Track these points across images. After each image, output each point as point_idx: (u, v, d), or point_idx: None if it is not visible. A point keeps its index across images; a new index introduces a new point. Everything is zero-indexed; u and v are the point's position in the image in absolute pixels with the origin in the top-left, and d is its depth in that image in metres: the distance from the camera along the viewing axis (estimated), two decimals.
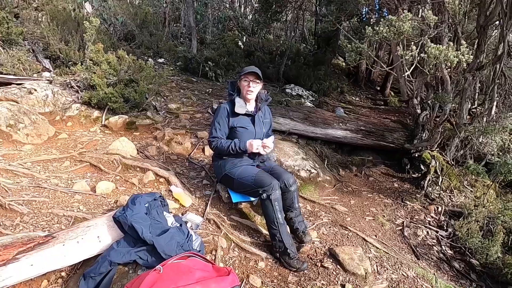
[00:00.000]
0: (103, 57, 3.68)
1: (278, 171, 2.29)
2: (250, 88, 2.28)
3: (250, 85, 2.27)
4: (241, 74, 2.28)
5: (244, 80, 2.28)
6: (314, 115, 3.80)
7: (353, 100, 7.76)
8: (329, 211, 2.88)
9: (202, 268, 1.24)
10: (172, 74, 6.05)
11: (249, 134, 2.30)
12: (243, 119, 2.31)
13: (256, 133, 2.33)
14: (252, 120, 2.34)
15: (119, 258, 1.39)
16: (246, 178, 2.17)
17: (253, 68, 2.29)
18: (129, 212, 1.51)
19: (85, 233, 1.49)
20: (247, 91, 2.29)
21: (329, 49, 8.01)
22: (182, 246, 1.49)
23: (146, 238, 1.41)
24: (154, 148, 3.13)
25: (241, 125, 2.29)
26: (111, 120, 3.44)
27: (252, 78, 2.26)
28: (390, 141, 3.93)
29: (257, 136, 2.33)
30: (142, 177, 2.55)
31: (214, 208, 2.40)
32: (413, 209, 3.13)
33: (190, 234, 1.62)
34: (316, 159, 3.52)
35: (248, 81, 2.27)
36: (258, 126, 2.35)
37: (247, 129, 2.30)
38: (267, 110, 2.52)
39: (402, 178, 3.78)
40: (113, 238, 1.55)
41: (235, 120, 2.29)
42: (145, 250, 1.43)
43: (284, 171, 2.30)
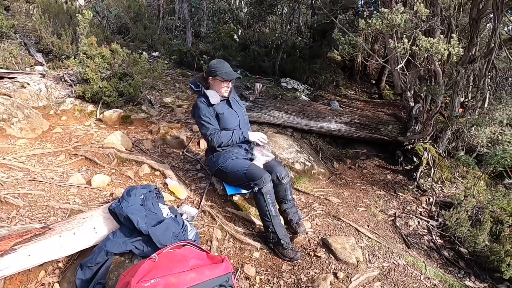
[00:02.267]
0: (96, 50, 3.66)
1: (271, 164, 2.32)
2: (227, 88, 2.38)
3: (229, 85, 2.38)
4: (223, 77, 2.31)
5: (224, 81, 2.34)
6: (308, 108, 3.83)
7: (349, 94, 7.80)
8: (323, 202, 2.93)
9: (196, 256, 1.28)
10: (167, 67, 6.03)
11: (232, 116, 2.40)
12: (221, 106, 2.38)
13: (238, 113, 2.43)
14: (228, 104, 2.43)
15: (115, 248, 1.43)
16: (238, 172, 2.21)
17: (230, 68, 2.38)
18: (125, 203, 1.54)
19: (81, 224, 1.52)
20: (226, 91, 2.38)
21: (325, 43, 8.00)
22: (177, 236, 1.53)
23: (142, 229, 1.44)
24: (149, 141, 3.14)
25: (223, 111, 2.37)
26: (105, 114, 3.44)
27: (231, 79, 2.36)
28: (383, 134, 3.98)
29: (239, 115, 2.44)
30: (137, 170, 2.57)
31: (209, 200, 2.44)
32: (405, 200, 3.20)
33: (185, 225, 1.65)
34: (310, 152, 3.57)
35: (228, 81, 2.36)
36: (236, 106, 2.47)
37: (229, 112, 2.39)
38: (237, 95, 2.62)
39: (395, 170, 3.85)
40: (109, 229, 1.58)
41: (216, 108, 2.35)
42: (140, 240, 1.46)
43: (277, 164, 2.34)
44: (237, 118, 2.41)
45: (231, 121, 2.37)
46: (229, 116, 2.38)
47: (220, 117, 2.36)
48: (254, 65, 6.99)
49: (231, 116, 2.39)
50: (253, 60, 7.10)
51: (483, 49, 3.80)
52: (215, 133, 2.28)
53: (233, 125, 2.39)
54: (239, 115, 2.45)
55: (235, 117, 2.41)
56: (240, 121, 2.44)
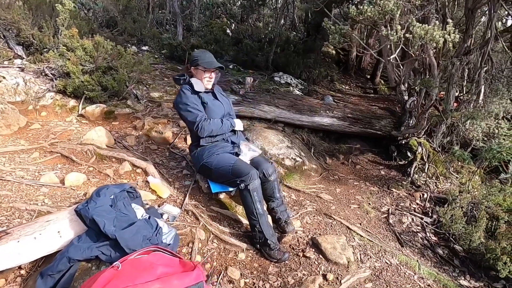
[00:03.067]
0: (78, 42, 3.47)
1: (258, 160, 2.19)
2: (212, 79, 2.26)
3: (212, 75, 2.25)
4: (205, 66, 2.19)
5: (206, 71, 2.22)
6: (300, 102, 3.70)
7: (343, 89, 7.68)
8: (314, 200, 2.81)
9: (166, 263, 1.15)
10: (157, 62, 5.84)
11: (218, 107, 2.28)
12: (206, 95, 2.27)
13: (223, 103, 2.33)
14: (213, 94, 2.31)
15: (78, 254, 1.29)
16: (224, 168, 2.07)
17: (213, 57, 2.25)
18: (92, 204, 1.40)
19: (44, 228, 1.37)
20: (208, 82, 2.26)
21: (319, 37, 7.84)
22: (149, 239, 1.39)
23: (108, 232, 1.30)
24: (133, 138, 2.99)
25: (207, 101, 2.24)
26: (87, 110, 3.27)
27: (214, 69, 2.23)
28: (377, 129, 3.86)
29: (225, 106, 2.33)
30: (117, 168, 2.42)
31: (193, 199, 2.30)
32: (398, 196, 3.09)
33: (159, 227, 1.51)
34: (302, 147, 3.44)
35: (211, 72, 2.24)
36: (221, 97, 2.36)
37: (214, 103, 2.27)
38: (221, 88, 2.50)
39: (389, 165, 3.74)
40: (75, 233, 1.44)
41: (201, 96, 2.23)
42: (108, 245, 1.32)
43: (264, 160, 2.20)
44: (222, 109, 2.29)
45: (215, 111, 2.25)
46: (213, 106, 2.26)
47: (204, 107, 2.23)
48: (247, 59, 6.83)
49: (216, 106, 2.27)
50: (246, 54, 6.93)
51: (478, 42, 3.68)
52: (205, 120, 2.14)
53: (218, 115, 2.27)
54: (225, 106, 2.33)
55: (220, 108, 2.29)
56: (226, 112, 2.32)
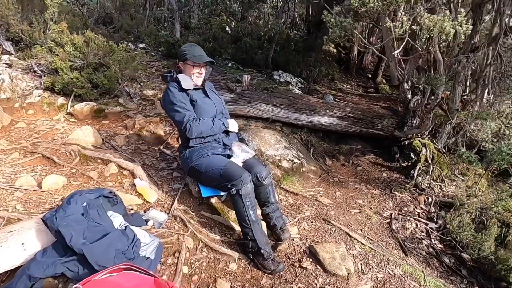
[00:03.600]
0: (67, 38, 3.31)
1: (251, 162, 2.02)
2: (202, 75, 2.09)
3: (201, 71, 2.07)
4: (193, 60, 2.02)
5: (195, 66, 2.04)
6: (299, 101, 3.52)
7: (344, 88, 7.49)
8: (313, 204, 2.64)
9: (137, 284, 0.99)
10: (154, 59, 5.69)
11: (209, 105, 2.11)
12: (196, 93, 2.09)
13: (214, 102, 2.15)
14: (204, 92, 2.14)
15: (40, 271, 1.13)
16: (214, 171, 1.90)
17: (203, 52, 2.07)
18: (61, 213, 1.24)
19: (6, 239, 1.22)
20: (198, 78, 2.08)
21: (320, 35, 7.65)
22: (124, 253, 1.23)
23: (74, 246, 1.14)
24: (123, 137, 2.83)
25: (196, 98, 2.06)
26: (76, 108, 3.11)
27: (203, 65, 2.06)
28: (379, 129, 3.69)
29: (216, 105, 2.15)
30: (103, 170, 2.26)
31: (182, 204, 2.14)
32: (402, 200, 2.92)
33: (136, 239, 1.35)
34: (300, 148, 3.27)
35: (200, 67, 2.06)
36: (212, 95, 2.19)
37: (204, 100, 2.10)
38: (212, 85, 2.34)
39: (391, 167, 3.56)
40: (42, 245, 1.28)
41: (190, 93, 2.05)
42: (75, 260, 1.16)
43: (257, 163, 2.03)
44: (213, 108, 2.12)
45: (206, 110, 2.08)
46: (203, 104, 2.08)
47: (194, 106, 2.06)
48: (246, 57, 6.65)
49: (206, 105, 2.10)
50: (245, 52, 6.75)
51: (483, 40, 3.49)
52: (193, 119, 1.98)
53: (209, 115, 2.09)
54: (216, 105, 2.15)
55: (211, 106, 2.11)
56: (217, 111, 2.15)
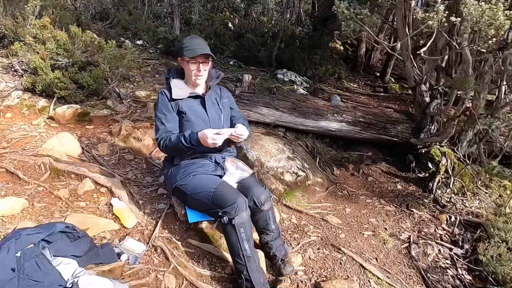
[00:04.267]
0: (50, 34, 2.98)
1: (247, 182, 1.67)
2: (200, 73, 1.69)
3: (199, 68, 1.67)
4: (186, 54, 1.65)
5: (191, 62, 1.66)
6: (304, 104, 3.16)
7: (351, 87, 7.09)
8: (319, 224, 2.29)
9: None
10: (151, 57, 5.35)
11: (202, 120, 1.71)
12: (190, 103, 1.72)
13: (210, 118, 1.74)
14: (202, 103, 1.75)
15: None
16: (202, 194, 1.56)
17: (201, 44, 1.68)
18: None
19: None
20: (196, 76, 1.69)
21: (326, 31, 7.24)
22: None
23: None
24: (106, 145, 2.50)
25: (187, 110, 1.69)
26: (57, 111, 2.79)
27: (200, 58, 1.66)
28: (393, 135, 3.30)
29: (212, 122, 1.73)
30: (76, 187, 1.93)
31: (166, 229, 1.80)
32: (420, 219, 2.54)
33: None
34: (305, 157, 2.90)
35: (198, 63, 1.66)
36: (211, 109, 1.77)
37: (198, 114, 1.72)
38: (223, 90, 1.93)
39: (406, 178, 3.18)
40: None
41: (179, 105, 1.69)
42: None
43: (255, 183, 1.67)
44: (204, 123, 1.71)
45: (195, 124, 1.69)
46: (193, 117, 1.71)
47: (183, 117, 1.71)
48: (248, 55, 6.28)
49: (197, 118, 1.71)
50: (248, 49, 6.38)
51: None
52: (168, 136, 1.64)
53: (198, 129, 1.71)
54: (210, 119, 1.74)
55: (202, 122, 1.71)
56: (211, 125, 1.72)
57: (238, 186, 1.64)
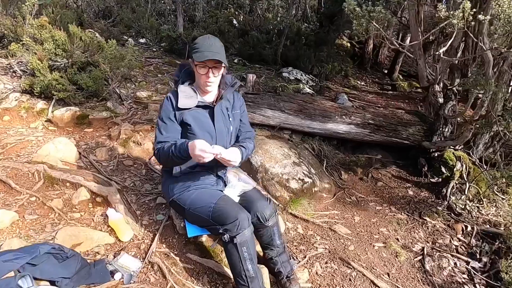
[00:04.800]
0: (49, 33, 2.88)
1: (250, 196, 1.53)
2: (210, 79, 1.48)
3: (209, 74, 1.47)
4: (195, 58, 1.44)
5: (200, 66, 1.46)
6: (310, 106, 3.00)
7: (358, 85, 6.90)
8: (326, 234, 2.15)
9: None
10: (154, 55, 5.23)
11: (207, 133, 1.53)
12: (197, 113, 1.53)
13: (217, 131, 1.55)
14: (211, 114, 1.55)
15: None
16: (202, 210, 1.43)
17: (214, 46, 1.45)
18: None
19: None
20: (206, 82, 1.50)
21: (333, 28, 7.01)
22: None
23: None
24: (105, 150, 2.39)
25: (192, 121, 1.51)
26: (56, 114, 2.69)
27: (211, 63, 1.45)
28: (404, 137, 3.13)
29: (219, 136, 1.55)
30: (71, 196, 1.83)
31: (164, 243, 1.68)
32: (434, 229, 2.39)
33: None
34: (312, 161, 2.76)
35: (207, 68, 1.46)
36: (220, 122, 1.56)
37: (204, 126, 1.53)
38: (236, 97, 1.69)
39: (418, 183, 3.02)
40: None
41: (184, 115, 1.51)
42: None
43: (259, 197, 1.54)
44: (210, 136, 1.53)
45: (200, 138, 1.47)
46: (198, 130, 1.51)
47: (184, 128, 1.53)
48: (253, 52, 6.12)
49: (203, 131, 1.52)
50: (253, 47, 6.21)
51: None
52: (163, 145, 1.48)
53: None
54: (218, 133, 1.55)
55: (207, 134, 1.53)
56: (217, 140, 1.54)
57: (241, 200, 1.51)
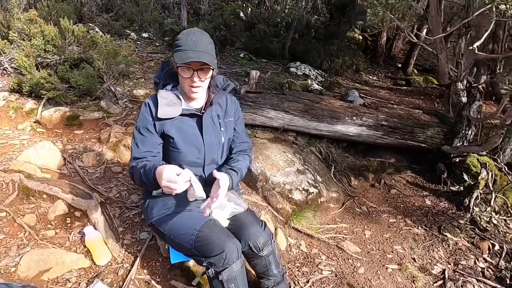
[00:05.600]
0: (38, 28, 2.68)
1: (241, 220, 1.28)
2: (196, 84, 1.16)
3: (194, 78, 1.15)
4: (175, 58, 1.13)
5: (184, 68, 1.14)
6: (318, 105, 2.71)
7: (370, 80, 6.51)
8: (333, 253, 1.90)
9: None
10: (157, 50, 5.01)
11: (194, 148, 1.25)
12: (181, 122, 1.24)
13: (207, 145, 1.26)
14: (199, 123, 1.26)
15: None
16: (183, 237, 1.20)
17: (199, 44, 1.12)
18: None
19: None
20: (190, 88, 1.18)
21: (344, 20, 6.63)
22: None
23: None
24: (92, 155, 2.18)
25: (178, 133, 1.23)
26: (44, 115, 2.50)
27: (197, 65, 1.13)
28: (421, 140, 2.82)
29: (208, 150, 1.27)
30: (47, 210, 1.63)
31: (145, 268, 1.47)
32: (456, 247, 2.10)
33: None
34: (319, 167, 2.49)
35: (192, 71, 1.14)
36: (209, 133, 1.27)
37: (190, 139, 1.25)
38: (230, 102, 1.37)
39: (436, 191, 2.71)
40: None
41: (165, 125, 1.22)
42: None
43: (252, 222, 1.28)
44: (198, 151, 1.26)
45: (184, 154, 1.25)
46: (183, 143, 1.23)
47: (169, 143, 1.24)
48: (260, 46, 5.82)
49: (188, 145, 1.24)
50: (259, 41, 5.91)
51: None
52: (140, 164, 1.19)
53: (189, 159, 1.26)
54: (207, 147, 1.27)
55: (194, 149, 1.25)
56: (206, 155, 1.27)
57: (230, 224, 1.27)
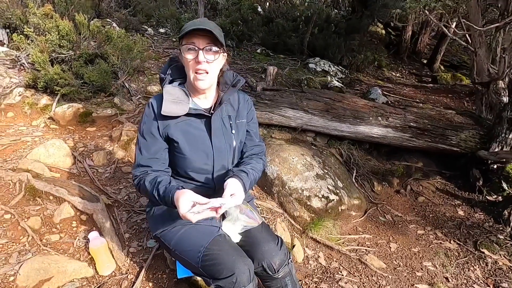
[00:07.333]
0: (54, 23, 2.62)
1: (255, 237, 1.12)
2: (201, 66, 1.00)
3: (199, 58, 0.99)
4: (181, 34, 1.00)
5: (187, 47, 1.00)
6: (339, 104, 2.50)
7: (393, 77, 6.16)
8: (355, 268, 1.72)
9: None
10: (173, 46, 4.92)
11: (202, 153, 1.11)
12: (187, 125, 1.09)
13: (216, 150, 1.11)
14: (207, 125, 1.11)
15: None
16: (189, 254, 1.06)
17: (202, 22, 0.99)
18: None
19: None
20: (197, 72, 1.02)
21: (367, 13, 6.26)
22: None
23: None
24: (103, 154, 2.10)
25: (183, 136, 1.08)
26: (57, 111, 2.45)
27: (202, 43, 0.99)
28: (454, 144, 2.55)
29: (217, 156, 1.12)
30: (53, 213, 1.55)
31: (151, 280, 1.35)
32: (496, 266, 1.85)
33: None
34: (339, 171, 2.29)
35: (196, 50, 0.99)
36: (219, 136, 1.12)
37: (197, 144, 1.10)
38: (243, 101, 1.21)
39: (470, 200, 2.44)
40: None
41: (170, 128, 1.08)
42: None
43: (266, 240, 1.11)
44: (207, 157, 1.11)
45: (191, 161, 1.10)
46: (188, 148, 1.09)
47: (174, 147, 1.11)
48: (278, 42, 5.61)
49: (195, 150, 1.10)
50: (277, 36, 5.69)
51: None
52: (145, 173, 1.09)
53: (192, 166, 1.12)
54: (216, 152, 1.12)
55: (203, 154, 1.11)
56: (215, 160, 1.13)
57: (242, 240, 1.11)
